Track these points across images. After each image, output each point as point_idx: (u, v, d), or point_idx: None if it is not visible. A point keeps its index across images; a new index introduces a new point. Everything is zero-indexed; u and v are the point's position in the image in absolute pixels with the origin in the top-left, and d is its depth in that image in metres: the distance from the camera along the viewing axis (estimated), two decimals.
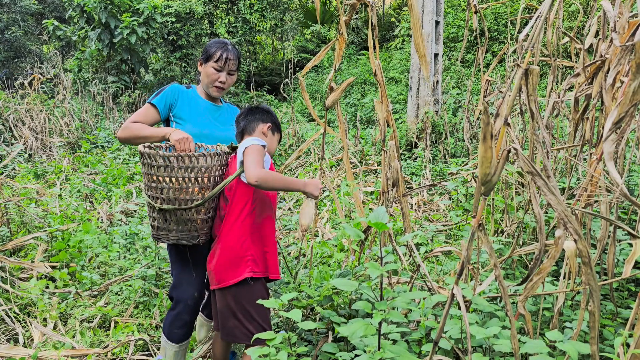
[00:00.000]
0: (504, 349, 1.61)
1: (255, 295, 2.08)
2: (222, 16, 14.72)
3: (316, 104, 12.91)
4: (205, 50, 2.47)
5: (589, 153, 2.33)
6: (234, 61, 2.47)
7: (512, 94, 1.45)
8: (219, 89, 2.49)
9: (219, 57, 2.42)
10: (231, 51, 2.46)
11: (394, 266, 1.68)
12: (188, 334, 2.42)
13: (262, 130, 2.25)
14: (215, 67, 2.43)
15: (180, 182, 2.08)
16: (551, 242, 1.56)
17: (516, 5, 10.13)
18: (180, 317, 2.34)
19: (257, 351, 1.62)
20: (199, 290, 2.37)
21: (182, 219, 2.13)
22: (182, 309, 2.33)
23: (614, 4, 1.99)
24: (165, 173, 2.06)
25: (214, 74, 2.45)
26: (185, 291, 2.33)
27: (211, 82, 2.46)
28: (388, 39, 15.67)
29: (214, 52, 2.43)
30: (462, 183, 4.63)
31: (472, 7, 2.81)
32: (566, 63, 3.05)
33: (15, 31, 16.59)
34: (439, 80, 8.40)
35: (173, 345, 2.39)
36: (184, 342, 2.42)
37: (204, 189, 2.12)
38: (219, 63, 2.43)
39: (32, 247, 4.10)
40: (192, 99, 2.52)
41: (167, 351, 2.41)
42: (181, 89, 2.52)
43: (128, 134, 2.33)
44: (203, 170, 2.09)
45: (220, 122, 2.54)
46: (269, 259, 2.16)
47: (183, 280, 2.35)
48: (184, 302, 2.32)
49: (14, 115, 8.44)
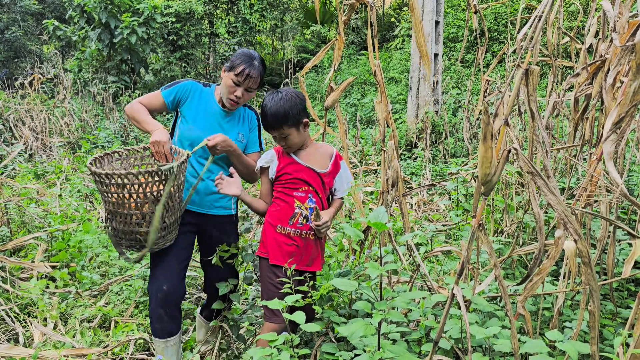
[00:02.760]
0: (503, 348, 1.61)
1: (262, 272, 2.28)
2: (222, 16, 14.73)
3: (316, 104, 12.91)
4: (232, 59, 2.38)
5: (588, 153, 2.33)
6: (255, 79, 2.36)
7: (512, 94, 1.45)
8: (233, 103, 2.41)
9: (240, 72, 2.33)
10: (256, 68, 2.36)
11: (393, 266, 1.68)
12: (169, 329, 2.38)
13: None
14: (235, 80, 2.34)
15: (116, 198, 2.13)
16: (551, 242, 1.56)
17: (516, 5, 10.13)
18: (154, 311, 2.35)
19: (259, 352, 1.63)
20: (170, 283, 2.35)
21: (127, 231, 2.19)
22: (153, 303, 2.35)
23: (614, 4, 1.99)
24: (102, 188, 2.13)
25: (232, 86, 2.36)
26: (153, 284, 2.36)
27: (227, 94, 2.39)
28: (388, 39, 15.67)
29: (238, 64, 2.34)
30: (462, 183, 4.62)
31: (472, 7, 2.81)
32: (566, 63, 3.06)
33: (15, 31, 16.59)
34: (439, 80, 8.40)
35: (158, 340, 2.40)
36: (169, 339, 2.39)
37: (141, 205, 2.15)
38: (239, 77, 2.34)
39: (32, 247, 4.10)
40: (204, 100, 2.47)
41: (156, 347, 2.43)
42: (196, 87, 2.47)
43: (130, 111, 2.42)
44: (136, 187, 2.11)
45: (226, 128, 2.47)
46: (268, 244, 2.26)
47: (154, 274, 2.38)
48: (154, 296, 2.34)
49: (14, 115, 8.44)
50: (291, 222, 2.21)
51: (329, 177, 2.29)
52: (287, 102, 2.15)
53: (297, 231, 2.21)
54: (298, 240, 2.22)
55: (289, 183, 2.23)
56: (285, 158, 2.27)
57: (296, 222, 2.21)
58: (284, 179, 2.24)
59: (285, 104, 2.14)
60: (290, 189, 2.23)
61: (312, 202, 2.23)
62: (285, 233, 2.21)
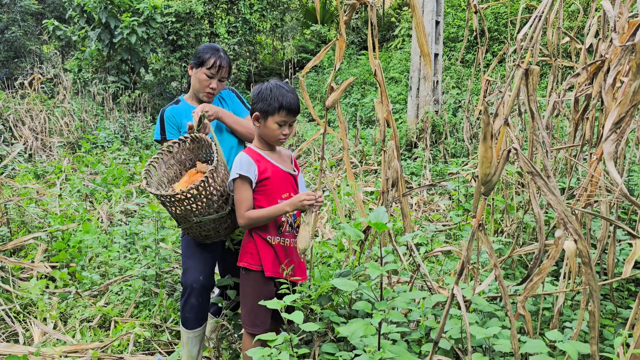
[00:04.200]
0: (504, 348, 1.61)
1: (252, 285, 2.18)
2: (222, 16, 14.73)
3: (316, 104, 12.91)
4: (198, 56, 2.45)
5: (589, 153, 2.33)
6: (226, 68, 2.47)
7: (512, 94, 1.45)
8: (210, 95, 2.50)
9: (212, 64, 2.42)
10: (224, 58, 2.45)
11: (394, 266, 1.68)
12: (199, 320, 2.46)
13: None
14: (207, 73, 2.43)
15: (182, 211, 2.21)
16: (551, 242, 1.56)
17: (516, 5, 10.12)
18: (188, 301, 2.42)
19: (259, 352, 1.62)
20: (205, 275, 2.43)
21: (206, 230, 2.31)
22: (189, 292, 2.41)
23: (614, 3, 1.99)
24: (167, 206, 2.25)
25: (206, 80, 2.45)
26: (190, 276, 2.41)
27: (202, 89, 2.47)
28: (388, 39, 15.67)
29: (207, 58, 2.42)
30: (462, 183, 4.63)
31: (472, 7, 2.81)
32: (566, 63, 3.05)
33: (15, 31, 16.58)
34: (439, 80, 8.40)
35: (186, 331, 2.46)
36: (196, 329, 2.46)
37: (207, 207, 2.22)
38: (211, 70, 2.43)
39: (32, 247, 4.10)
40: (185, 112, 2.52)
41: (182, 337, 2.50)
42: (173, 111, 2.52)
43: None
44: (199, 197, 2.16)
45: (214, 123, 2.55)
46: (262, 255, 2.15)
47: (189, 266, 2.44)
48: (190, 286, 2.40)
49: (14, 115, 8.44)
50: (279, 232, 2.17)
51: (297, 179, 2.28)
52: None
53: (285, 240, 2.17)
54: (289, 249, 2.19)
55: (271, 189, 2.14)
56: (262, 161, 2.14)
57: (284, 231, 2.18)
58: (265, 185, 2.13)
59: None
60: (274, 196, 2.14)
61: None
62: (274, 243, 2.15)
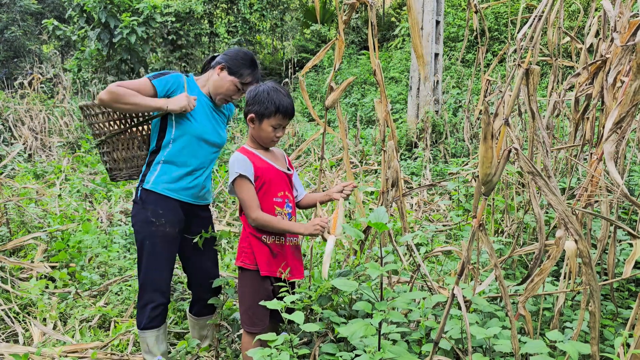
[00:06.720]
0: (504, 349, 1.61)
1: (249, 284, 2.17)
2: (222, 16, 14.72)
3: (316, 104, 12.90)
4: (235, 64, 2.41)
5: (589, 153, 2.33)
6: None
7: (512, 94, 1.45)
8: (226, 102, 2.52)
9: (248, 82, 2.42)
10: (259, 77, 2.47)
11: (394, 266, 1.68)
12: (163, 317, 2.49)
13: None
14: (239, 87, 2.42)
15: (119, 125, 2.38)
16: (551, 242, 1.56)
17: (516, 4, 10.12)
18: (151, 300, 2.43)
19: (259, 352, 1.62)
20: (167, 275, 2.46)
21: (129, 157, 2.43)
22: (150, 293, 2.42)
23: (615, 3, 1.99)
24: (103, 119, 2.38)
25: (234, 91, 2.43)
26: (150, 276, 2.43)
27: (225, 94, 2.45)
28: (388, 39, 15.66)
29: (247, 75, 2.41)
30: (463, 183, 4.62)
31: (473, 7, 2.81)
32: (567, 63, 3.05)
33: (15, 31, 16.57)
34: (439, 80, 8.39)
35: (152, 331, 2.46)
36: (161, 326, 2.48)
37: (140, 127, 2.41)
38: (244, 87, 2.42)
39: (31, 247, 4.09)
40: (192, 91, 2.42)
41: (149, 341, 2.49)
42: (180, 80, 2.40)
43: (114, 96, 2.19)
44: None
45: (217, 119, 2.51)
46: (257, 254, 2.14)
47: (150, 266, 2.43)
48: (150, 285, 2.42)
49: (14, 115, 8.43)
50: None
51: (292, 178, 2.27)
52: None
53: (281, 238, 2.16)
54: (286, 248, 2.18)
55: (267, 188, 2.13)
56: (257, 160, 2.13)
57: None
58: (260, 184, 2.12)
59: None
60: (269, 195, 2.14)
61: (289, 208, 2.19)
62: (269, 242, 2.14)
